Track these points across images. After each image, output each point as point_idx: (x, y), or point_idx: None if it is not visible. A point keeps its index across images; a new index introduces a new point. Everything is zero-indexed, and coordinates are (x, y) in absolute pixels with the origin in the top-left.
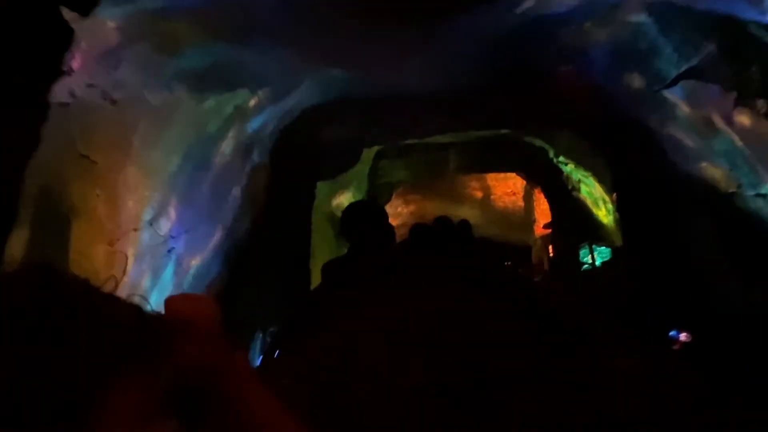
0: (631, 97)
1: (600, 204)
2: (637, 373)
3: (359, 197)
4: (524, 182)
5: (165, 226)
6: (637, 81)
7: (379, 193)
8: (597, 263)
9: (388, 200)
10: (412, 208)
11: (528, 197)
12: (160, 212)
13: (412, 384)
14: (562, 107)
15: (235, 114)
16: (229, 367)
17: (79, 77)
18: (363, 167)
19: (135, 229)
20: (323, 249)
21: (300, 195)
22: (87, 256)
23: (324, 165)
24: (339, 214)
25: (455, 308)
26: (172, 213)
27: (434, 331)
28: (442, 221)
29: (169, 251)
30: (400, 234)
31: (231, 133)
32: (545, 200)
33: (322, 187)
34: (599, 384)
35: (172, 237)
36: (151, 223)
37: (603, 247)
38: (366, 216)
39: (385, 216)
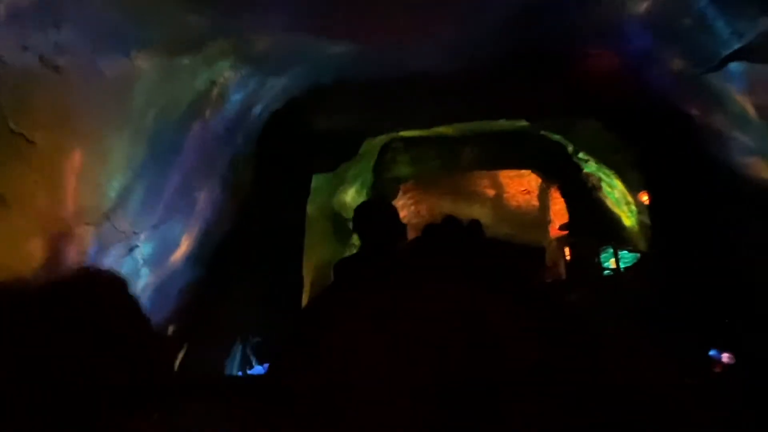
0: (670, 82)
1: (622, 205)
2: (648, 381)
3: (363, 193)
4: (539, 180)
5: (126, 220)
6: (677, 62)
7: (384, 189)
8: (620, 268)
9: (394, 197)
10: (419, 205)
11: (543, 196)
12: (119, 204)
13: (412, 384)
14: (588, 93)
15: (211, 91)
16: None
17: (7, 36)
18: (367, 161)
19: (87, 223)
20: (323, 248)
21: (292, 189)
22: (17, 254)
23: (320, 156)
24: (342, 211)
25: (458, 308)
26: (135, 205)
27: (435, 330)
28: (450, 221)
29: (131, 250)
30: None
31: (207, 114)
32: (562, 200)
33: (320, 181)
34: (603, 388)
35: (135, 233)
36: (109, 216)
37: (627, 252)
38: (377, 215)
39: (397, 215)
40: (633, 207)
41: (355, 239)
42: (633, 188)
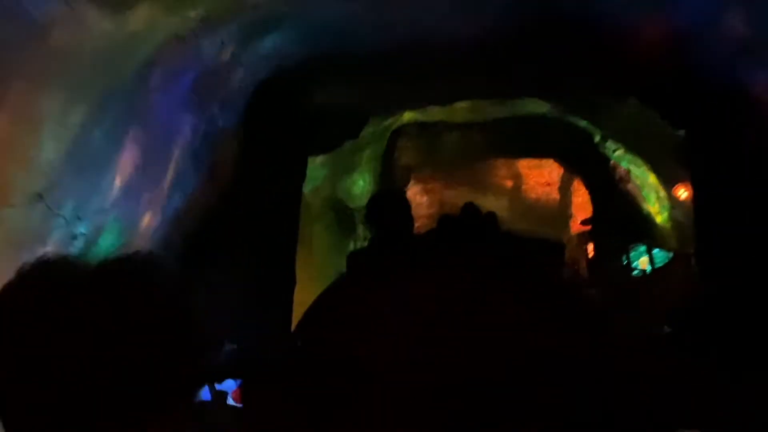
0: (730, 53)
1: (652, 198)
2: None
3: (371, 182)
4: (561, 171)
5: (66, 202)
6: (740, 26)
7: (394, 178)
8: (651, 269)
9: (405, 187)
10: (431, 196)
11: (565, 189)
12: (56, 183)
13: (433, 376)
14: (629, 66)
15: (175, 47)
16: None
17: None
18: (376, 147)
19: (11, 206)
20: (325, 240)
21: (284, 171)
22: None
23: (317, 135)
24: (347, 201)
25: (473, 301)
26: (78, 184)
27: (452, 323)
28: (469, 210)
29: (73, 238)
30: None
31: (169, 74)
32: (585, 192)
33: (323, 168)
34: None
35: (79, 218)
36: (42, 196)
37: (659, 250)
38: (391, 206)
39: (409, 207)
40: (665, 202)
41: (362, 231)
42: (667, 181)
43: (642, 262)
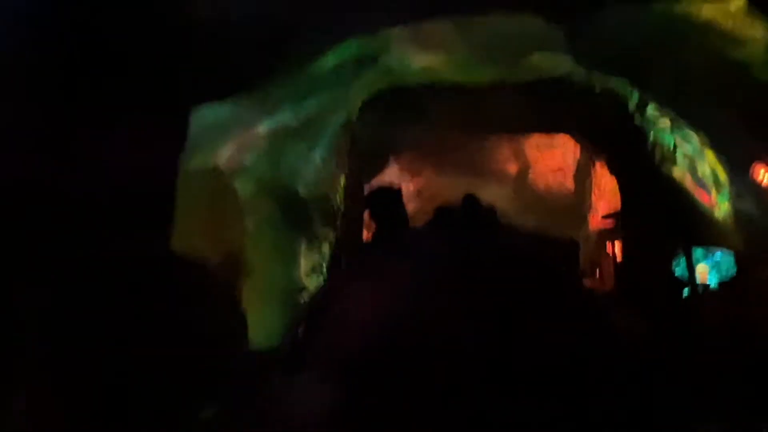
0: None
1: (708, 186)
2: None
3: (332, 162)
4: (577, 153)
5: None
6: None
7: (367, 157)
8: (712, 283)
9: (379, 171)
10: (418, 183)
11: (582, 175)
12: None
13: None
14: None
15: None
16: None
17: None
18: (339, 116)
19: None
20: (265, 237)
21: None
22: None
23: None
24: (298, 187)
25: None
26: None
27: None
28: (469, 202)
29: None
30: None
31: None
32: (610, 179)
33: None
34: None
35: None
36: None
37: (723, 254)
38: (382, 201)
39: (397, 200)
40: (727, 190)
41: (320, 228)
42: (734, 160)
43: (701, 273)
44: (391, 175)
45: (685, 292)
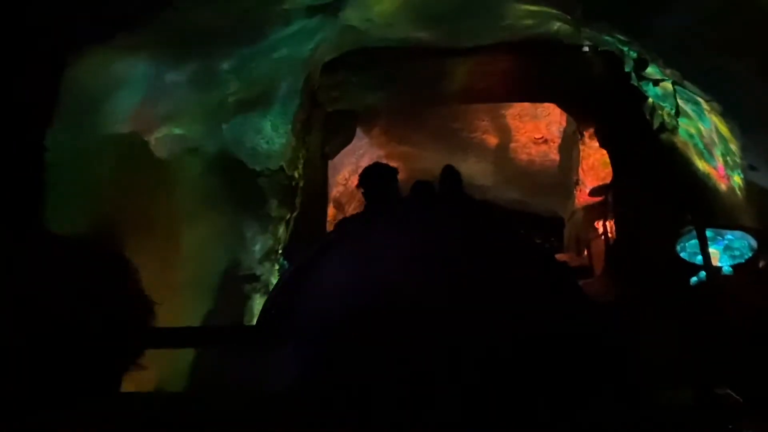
0: None
1: (715, 156)
2: None
3: (287, 132)
4: (563, 123)
5: None
6: None
7: (326, 127)
8: (725, 267)
9: (346, 141)
10: (387, 154)
11: (567, 146)
12: None
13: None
14: None
15: None
16: None
17: None
18: (296, 79)
19: None
20: (202, 222)
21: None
22: None
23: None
24: (247, 160)
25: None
26: None
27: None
28: (447, 174)
29: None
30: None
31: None
32: (599, 151)
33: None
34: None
35: None
36: None
37: (734, 236)
38: (376, 181)
39: (393, 181)
40: (737, 160)
41: (275, 208)
42: (746, 125)
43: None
44: (360, 147)
45: (694, 279)
